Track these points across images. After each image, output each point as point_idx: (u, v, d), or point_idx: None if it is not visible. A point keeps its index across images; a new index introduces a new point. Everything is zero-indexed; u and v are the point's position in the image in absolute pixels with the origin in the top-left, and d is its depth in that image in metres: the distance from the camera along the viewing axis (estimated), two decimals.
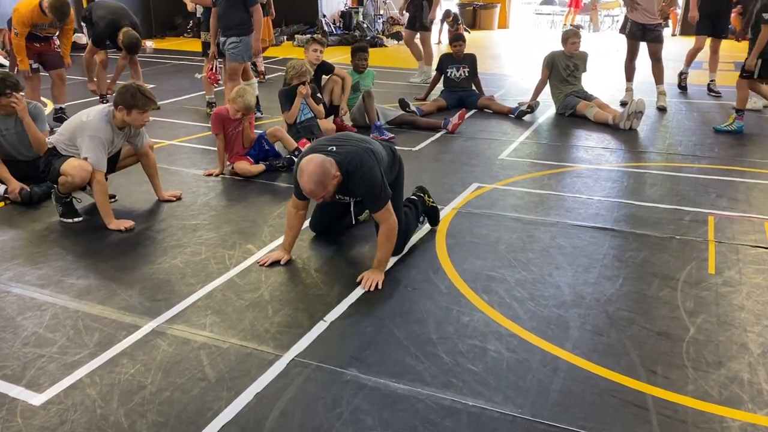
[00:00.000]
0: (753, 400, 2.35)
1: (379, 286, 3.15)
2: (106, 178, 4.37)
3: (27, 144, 4.58)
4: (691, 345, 2.70)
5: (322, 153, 3.12)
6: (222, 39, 6.18)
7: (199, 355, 2.63)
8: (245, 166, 4.88)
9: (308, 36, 6.18)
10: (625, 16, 7.47)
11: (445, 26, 13.75)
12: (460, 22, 13.73)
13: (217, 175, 4.92)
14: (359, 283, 3.17)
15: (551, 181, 4.81)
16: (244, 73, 6.44)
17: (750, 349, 2.66)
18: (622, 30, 7.51)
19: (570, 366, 2.56)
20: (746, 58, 6.13)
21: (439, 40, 14.07)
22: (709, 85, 8.10)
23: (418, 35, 8.89)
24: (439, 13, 12.56)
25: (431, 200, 3.89)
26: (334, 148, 3.17)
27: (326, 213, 3.72)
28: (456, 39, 7.32)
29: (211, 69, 6.75)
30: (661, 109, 7.15)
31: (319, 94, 5.60)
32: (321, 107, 5.61)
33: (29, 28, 6.03)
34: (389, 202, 3.23)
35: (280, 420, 2.25)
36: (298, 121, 5.38)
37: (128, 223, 3.90)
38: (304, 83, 5.33)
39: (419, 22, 8.68)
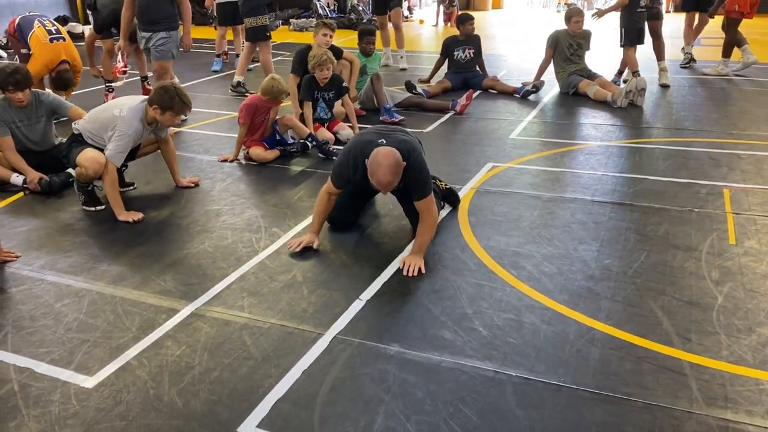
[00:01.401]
0: None
1: (422, 271, 3.17)
2: (126, 166, 4.42)
3: (40, 136, 4.57)
4: (721, 313, 2.77)
5: (380, 145, 3.19)
6: (145, 35, 5.66)
7: (241, 335, 2.68)
8: (260, 152, 4.90)
9: (318, 21, 6.08)
10: None
11: (442, 8, 13.72)
12: (455, 3, 13.71)
13: (231, 161, 4.94)
14: (401, 269, 3.18)
15: (564, 158, 4.86)
16: (166, 73, 5.90)
17: None
18: None
19: (606, 336, 2.62)
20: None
21: (437, 22, 14.05)
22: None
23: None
24: None
25: (444, 183, 3.96)
26: (384, 141, 3.23)
27: (347, 207, 3.68)
28: (467, 19, 7.31)
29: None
30: (664, 86, 7.20)
31: (345, 84, 5.57)
32: (355, 116, 5.65)
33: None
34: (432, 192, 3.30)
35: (330, 395, 2.30)
36: (315, 116, 5.40)
37: (137, 215, 3.87)
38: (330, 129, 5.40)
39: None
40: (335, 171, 3.41)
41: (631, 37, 6.80)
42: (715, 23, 8.91)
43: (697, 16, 8.36)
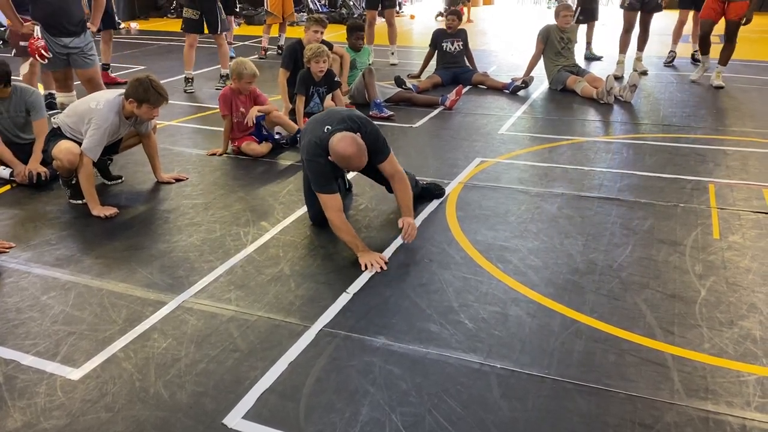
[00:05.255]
0: (767, 355, 2.46)
1: (414, 232, 3.34)
2: (111, 160, 4.42)
3: (22, 127, 4.52)
4: (704, 306, 2.80)
5: (332, 133, 3.23)
6: (65, 40, 4.89)
7: (228, 328, 2.68)
8: (254, 146, 4.89)
9: (310, 16, 6.06)
10: None
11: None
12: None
13: (220, 155, 4.93)
14: (401, 229, 3.32)
15: (552, 154, 4.89)
16: (64, 83, 5.16)
17: (759, 309, 2.77)
18: (622, 4, 7.60)
19: (590, 329, 2.65)
20: None
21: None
22: (693, 54, 8.25)
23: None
24: None
25: (423, 181, 4.04)
26: (329, 127, 3.26)
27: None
28: (450, 14, 7.36)
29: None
30: (643, 73, 7.34)
31: (337, 78, 5.59)
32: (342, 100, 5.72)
33: None
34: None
35: (316, 386, 2.32)
36: (308, 110, 5.42)
37: (111, 210, 3.84)
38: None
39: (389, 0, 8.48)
40: (320, 180, 3.30)
41: None
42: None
43: (691, 15, 8.28)
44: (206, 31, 7.08)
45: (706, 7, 7.15)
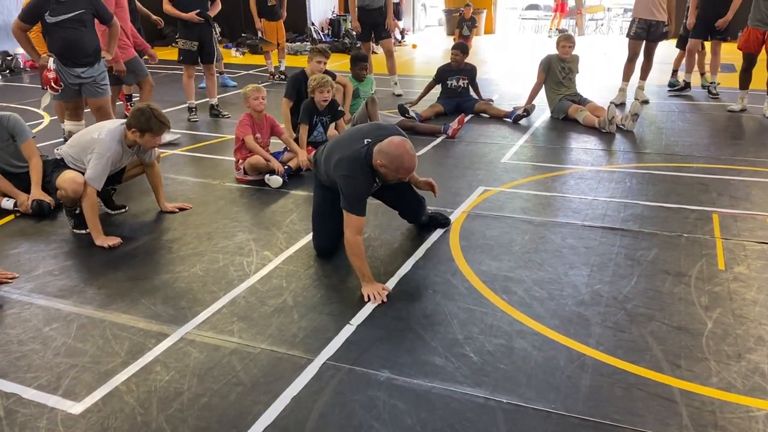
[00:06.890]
0: None
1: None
2: (115, 189, 4.43)
3: (15, 155, 4.52)
4: (710, 339, 2.78)
5: (375, 143, 3.24)
6: (78, 70, 4.96)
7: (231, 360, 2.66)
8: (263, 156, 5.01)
9: (313, 47, 6.11)
10: (632, 20, 7.64)
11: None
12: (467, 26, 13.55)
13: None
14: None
15: (555, 183, 4.89)
16: (74, 112, 5.26)
17: (767, 342, 2.74)
18: (629, 34, 7.68)
19: (596, 362, 2.62)
20: None
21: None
22: (708, 87, 8.14)
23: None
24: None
25: (428, 209, 4.06)
26: (370, 140, 3.27)
27: (328, 231, 3.66)
28: (454, 47, 7.40)
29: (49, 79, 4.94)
30: (644, 102, 7.44)
31: (340, 108, 5.67)
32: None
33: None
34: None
35: (319, 421, 2.29)
36: (311, 139, 5.48)
37: (114, 240, 3.84)
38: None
39: (384, 31, 8.46)
40: (355, 198, 3.20)
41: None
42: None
43: (708, 45, 8.01)
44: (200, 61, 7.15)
45: (747, 41, 7.04)
